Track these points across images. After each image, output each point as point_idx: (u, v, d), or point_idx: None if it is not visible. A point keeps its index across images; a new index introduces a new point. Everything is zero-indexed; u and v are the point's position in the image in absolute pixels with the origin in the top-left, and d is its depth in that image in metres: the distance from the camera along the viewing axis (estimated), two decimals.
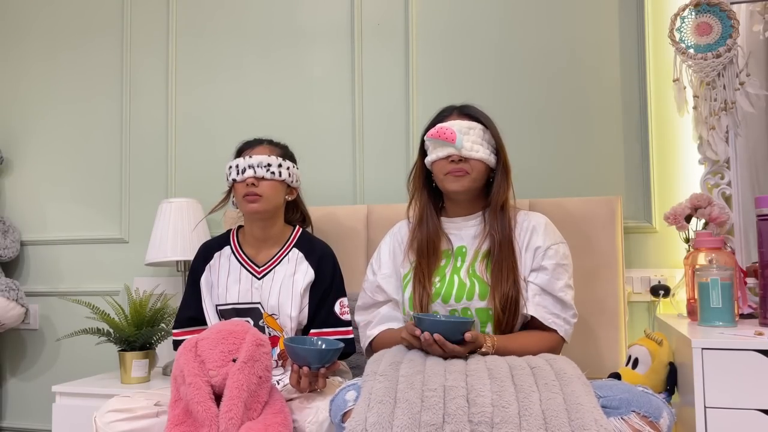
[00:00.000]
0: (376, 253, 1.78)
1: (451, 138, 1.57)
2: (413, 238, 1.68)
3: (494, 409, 1.22)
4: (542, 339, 1.57)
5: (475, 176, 1.60)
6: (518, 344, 1.53)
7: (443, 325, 1.42)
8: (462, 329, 1.41)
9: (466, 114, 1.65)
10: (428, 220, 1.67)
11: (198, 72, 2.53)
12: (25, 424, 2.63)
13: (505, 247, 1.59)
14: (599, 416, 1.21)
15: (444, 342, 1.39)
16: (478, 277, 1.60)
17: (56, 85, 2.68)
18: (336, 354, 1.53)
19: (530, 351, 1.50)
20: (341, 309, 1.78)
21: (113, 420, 1.53)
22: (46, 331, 2.64)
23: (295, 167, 1.83)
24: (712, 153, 1.98)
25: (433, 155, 1.62)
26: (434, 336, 1.38)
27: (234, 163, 1.75)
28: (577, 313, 1.63)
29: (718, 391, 1.39)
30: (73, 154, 2.65)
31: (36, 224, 2.67)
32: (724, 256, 1.75)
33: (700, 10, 2.00)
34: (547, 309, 1.58)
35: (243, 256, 1.81)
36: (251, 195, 1.71)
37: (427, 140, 1.65)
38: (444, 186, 1.63)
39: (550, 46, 2.21)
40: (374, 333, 1.67)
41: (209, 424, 1.40)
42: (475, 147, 1.58)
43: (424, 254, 1.64)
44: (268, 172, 1.72)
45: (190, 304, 1.84)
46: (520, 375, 1.32)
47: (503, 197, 1.63)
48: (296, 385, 1.55)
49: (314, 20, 2.43)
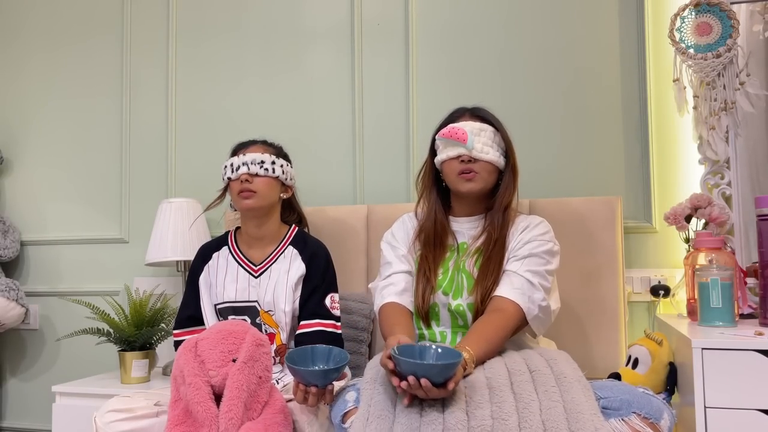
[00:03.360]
0: (388, 235, 1.74)
1: (463, 138, 1.58)
2: (421, 230, 1.69)
3: (494, 421, 1.22)
4: (504, 319, 1.48)
5: (485, 177, 1.61)
6: (489, 343, 1.44)
7: (426, 370, 1.23)
8: (446, 374, 1.24)
9: (478, 116, 1.65)
10: (437, 217, 1.67)
11: (198, 72, 2.53)
12: (25, 424, 2.63)
13: (497, 245, 1.59)
14: (599, 424, 1.21)
15: (430, 388, 1.23)
16: (466, 272, 1.61)
17: (56, 85, 2.68)
18: (342, 370, 1.46)
19: (502, 340, 1.46)
20: (332, 303, 1.78)
21: (113, 420, 1.54)
22: (46, 331, 2.64)
23: (289, 166, 1.85)
24: (712, 153, 1.98)
25: (444, 155, 1.62)
26: (421, 381, 1.22)
27: (229, 162, 1.78)
28: (552, 306, 1.56)
29: (718, 391, 1.39)
30: (73, 154, 2.65)
31: (36, 224, 2.67)
32: (724, 256, 1.75)
33: (700, 10, 2.00)
34: (512, 285, 1.53)
35: (240, 255, 1.84)
36: (245, 191, 1.74)
37: (438, 140, 1.66)
38: (455, 186, 1.63)
39: (550, 46, 2.21)
40: (384, 301, 1.61)
41: (209, 424, 1.40)
42: (485, 149, 1.59)
43: (430, 247, 1.65)
44: (261, 169, 1.75)
45: (190, 304, 1.85)
46: (520, 382, 1.31)
47: (508, 199, 1.64)
48: (303, 402, 1.46)
49: (314, 20, 2.43)
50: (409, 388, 1.24)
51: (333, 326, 1.76)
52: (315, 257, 1.81)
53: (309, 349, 1.48)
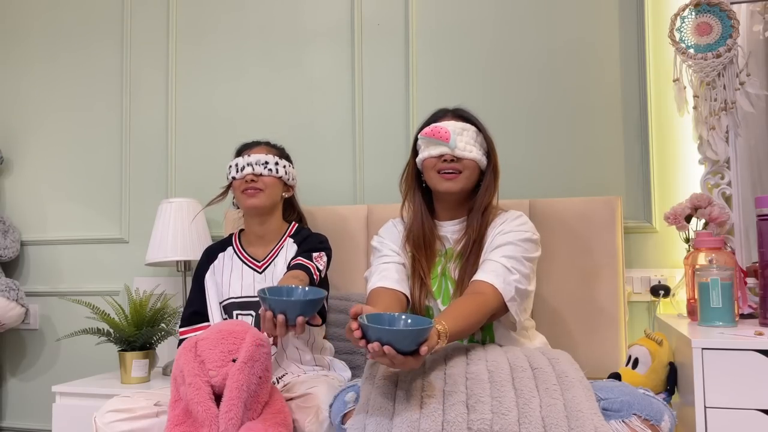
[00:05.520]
0: (376, 236, 1.73)
1: (446, 137, 1.57)
2: (409, 235, 1.67)
3: (494, 416, 1.22)
4: (481, 301, 1.46)
5: (467, 176, 1.60)
6: (465, 320, 1.40)
7: (392, 335, 1.17)
8: (417, 339, 1.18)
9: (460, 116, 1.66)
10: (424, 221, 1.66)
11: (198, 72, 2.53)
12: (25, 424, 2.63)
13: (475, 247, 1.59)
14: (599, 423, 1.21)
15: (394, 355, 1.18)
16: (450, 278, 1.61)
17: (56, 85, 2.68)
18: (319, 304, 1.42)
19: (478, 321, 1.43)
20: (317, 256, 1.81)
21: (113, 420, 1.54)
22: (46, 331, 2.64)
23: (291, 166, 1.92)
24: (712, 153, 1.98)
25: (426, 153, 1.62)
26: (384, 348, 1.18)
27: (234, 162, 1.85)
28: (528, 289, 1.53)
29: (718, 391, 1.39)
30: (74, 154, 2.65)
31: (36, 224, 2.67)
32: (724, 256, 1.75)
33: (700, 10, 2.00)
34: (488, 269, 1.51)
35: (244, 254, 1.90)
36: (251, 189, 1.81)
37: (420, 139, 1.65)
38: (435, 185, 1.62)
39: (550, 46, 2.21)
40: (373, 286, 1.60)
41: (209, 424, 1.40)
42: (468, 147, 1.59)
43: (422, 251, 1.64)
44: (265, 169, 1.82)
45: (194, 301, 1.90)
46: (521, 378, 1.31)
47: (488, 200, 1.64)
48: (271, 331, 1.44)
49: (314, 20, 2.43)
50: (374, 355, 1.19)
51: (312, 267, 1.76)
52: (307, 237, 1.88)
53: (285, 288, 1.45)
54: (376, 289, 1.58)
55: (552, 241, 1.97)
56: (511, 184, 2.16)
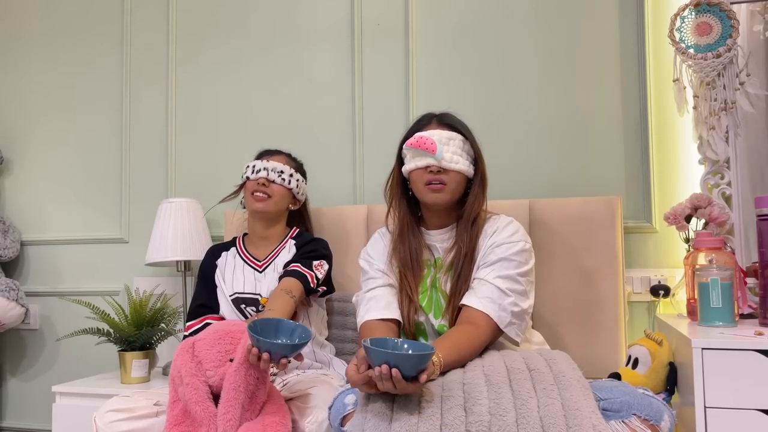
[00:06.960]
0: (363, 252, 1.72)
1: (432, 149, 1.54)
2: (395, 249, 1.65)
3: (492, 417, 1.21)
4: (476, 333, 1.45)
5: (453, 188, 1.57)
6: (460, 353, 1.41)
7: (398, 359, 1.21)
8: (420, 364, 1.21)
9: (446, 123, 1.61)
10: (410, 232, 1.64)
11: (198, 72, 2.53)
12: (25, 424, 2.63)
13: (467, 260, 1.56)
14: (597, 421, 1.20)
15: (399, 379, 1.20)
16: (441, 290, 1.59)
17: (56, 85, 2.68)
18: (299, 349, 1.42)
19: (473, 353, 1.43)
20: (318, 264, 1.85)
21: (113, 420, 1.54)
22: (46, 331, 2.64)
23: (304, 182, 2.00)
24: (712, 153, 1.98)
25: (412, 164, 1.59)
26: (392, 371, 1.20)
27: (252, 163, 1.92)
28: (524, 308, 1.51)
29: (718, 391, 1.39)
30: (74, 154, 2.65)
31: (36, 224, 2.67)
32: (724, 256, 1.75)
33: (700, 10, 2.00)
34: (481, 294, 1.49)
35: (246, 254, 1.96)
36: (260, 193, 1.87)
37: (405, 149, 1.62)
38: (422, 197, 1.60)
39: (550, 46, 2.20)
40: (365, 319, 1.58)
41: (207, 424, 1.40)
42: (455, 158, 1.55)
43: (408, 266, 1.61)
44: (279, 178, 1.89)
45: (201, 295, 1.94)
46: (518, 379, 1.31)
47: (477, 209, 1.60)
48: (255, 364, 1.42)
49: (314, 20, 2.43)
50: (380, 378, 1.21)
51: (310, 276, 1.80)
52: (308, 241, 1.93)
53: (275, 322, 1.46)
54: (367, 323, 1.56)
55: (552, 241, 1.97)
56: (511, 184, 2.16)
